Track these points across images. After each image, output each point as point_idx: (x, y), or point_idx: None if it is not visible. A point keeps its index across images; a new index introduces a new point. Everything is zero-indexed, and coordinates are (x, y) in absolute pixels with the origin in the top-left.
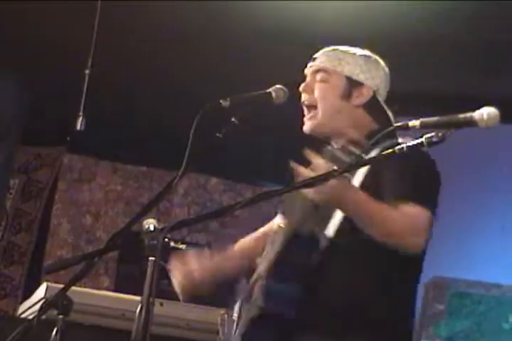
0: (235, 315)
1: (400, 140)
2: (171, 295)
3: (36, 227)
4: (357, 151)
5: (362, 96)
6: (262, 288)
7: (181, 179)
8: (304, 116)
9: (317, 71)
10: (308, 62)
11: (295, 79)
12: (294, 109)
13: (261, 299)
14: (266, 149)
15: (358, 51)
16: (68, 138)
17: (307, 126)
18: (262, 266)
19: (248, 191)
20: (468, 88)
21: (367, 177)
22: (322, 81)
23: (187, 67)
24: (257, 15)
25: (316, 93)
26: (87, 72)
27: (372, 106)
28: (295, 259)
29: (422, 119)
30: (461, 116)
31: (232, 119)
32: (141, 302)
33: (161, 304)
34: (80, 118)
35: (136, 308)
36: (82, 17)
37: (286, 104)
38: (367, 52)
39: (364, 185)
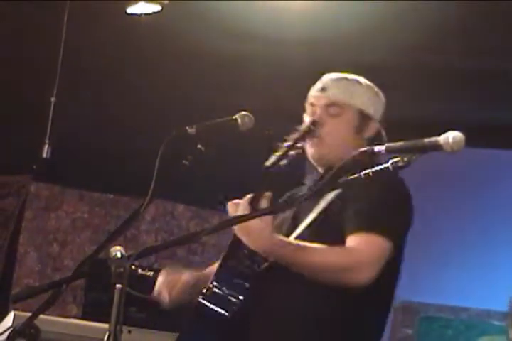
0: None
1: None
2: (138, 323)
3: (3, 256)
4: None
5: (371, 130)
6: (207, 289)
7: (148, 206)
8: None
9: (329, 105)
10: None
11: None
12: (258, 134)
13: (202, 296)
14: (231, 175)
15: (363, 80)
16: (34, 167)
17: (313, 152)
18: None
19: (215, 217)
20: (435, 113)
21: (333, 203)
22: (335, 116)
23: (155, 93)
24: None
25: (329, 128)
26: (52, 99)
27: (376, 139)
28: (240, 266)
29: (387, 144)
30: (427, 140)
31: (199, 146)
32: (109, 329)
33: (129, 331)
34: (46, 146)
35: (104, 336)
36: (48, 44)
37: (251, 130)
38: (370, 83)
39: (327, 211)
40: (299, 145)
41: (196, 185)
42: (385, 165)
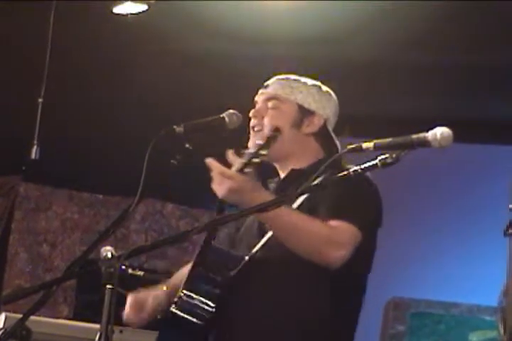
0: None
1: (347, 166)
2: None
3: None
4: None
5: (313, 125)
6: (178, 298)
7: (138, 205)
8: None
9: (269, 99)
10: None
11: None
12: (246, 134)
13: (174, 306)
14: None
15: (310, 81)
16: (23, 168)
17: (253, 143)
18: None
19: (204, 216)
20: (423, 108)
21: (307, 199)
22: (273, 108)
23: (143, 93)
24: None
25: (267, 119)
26: (40, 100)
27: (322, 135)
28: (212, 272)
29: (375, 141)
30: (415, 136)
31: (187, 145)
32: (100, 330)
33: (121, 331)
34: (35, 147)
35: (96, 336)
36: (34, 44)
37: (240, 128)
38: (318, 83)
39: (301, 206)
40: (263, 152)
41: (185, 184)
42: (374, 162)
